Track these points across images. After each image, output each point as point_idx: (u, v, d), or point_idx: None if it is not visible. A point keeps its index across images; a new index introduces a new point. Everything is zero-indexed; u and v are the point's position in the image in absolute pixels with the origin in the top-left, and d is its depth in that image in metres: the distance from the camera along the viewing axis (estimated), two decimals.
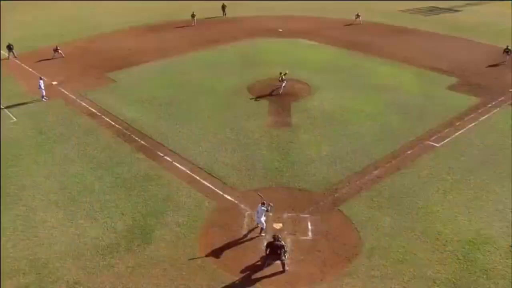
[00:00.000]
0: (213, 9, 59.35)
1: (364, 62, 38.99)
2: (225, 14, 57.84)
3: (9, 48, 41.51)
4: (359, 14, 52.81)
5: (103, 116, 29.21)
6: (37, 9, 65.54)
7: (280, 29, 50.51)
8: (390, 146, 24.95)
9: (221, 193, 21.14)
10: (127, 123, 28.06)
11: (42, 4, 69.00)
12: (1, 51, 43.43)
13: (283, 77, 32.01)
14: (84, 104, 31.21)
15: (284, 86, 31.97)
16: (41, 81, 31.96)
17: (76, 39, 47.81)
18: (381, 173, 22.56)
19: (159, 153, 24.57)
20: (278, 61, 38.90)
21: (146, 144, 25.50)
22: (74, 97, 32.45)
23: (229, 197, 20.85)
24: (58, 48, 41.58)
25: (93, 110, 30.26)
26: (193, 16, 52.69)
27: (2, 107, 31.05)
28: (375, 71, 36.72)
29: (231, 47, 43.86)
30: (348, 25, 52.39)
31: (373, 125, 27.43)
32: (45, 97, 31.95)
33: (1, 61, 41.01)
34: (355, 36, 47.29)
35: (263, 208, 18.08)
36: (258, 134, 26.40)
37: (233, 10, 59.01)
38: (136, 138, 26.21)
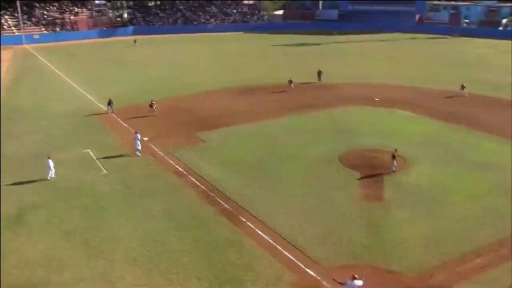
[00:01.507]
0: (309, 74, 60.68)
1: (467, 137, 37.46)
2: (320, 80, 58.85)
3: (109, 103, 45.23)
4: (464, 85, 51.39)
5: (189, 176, 30.21)
6: (136, 67, 71.08)
7: (377, 98, 50.27)
8: (496, 233, 23.18)
9: (303, 266, 20.61)
10: (212, 185, 28.73)
11: (142, 62, 74.96)
12: (101, 105, 47.41)
13: (395, 154, 30.79)
14: (172, 162, 32.61)
15: (394, 165, 30.65)
16: (137, 136, 34.06)
17: (171, 97, 50.91)
18: (485, 262, 20.86)
19: (242, 218, 24.71)
20: (372, 131, 38.61)
21: (229, 208, 25.82)
22: (163, 154, 34.08)
23: (311, 272, 20.25)
24: (154, 103, 44.40)
25: (180, 168, 31.47)
26: (290, 82, 53.88)
27: (94, 158, 33.52)
28: (480, 148, 35.03)
29: (324, 114, 44.24)
30: (451, 97, 50.93)
31: (476, 207, 25.79)
32: (139, 152, 33.95)
33: (100, 115, 44.64)
34: (458, 109, 45.83)
35: (355, 282, 17.49)
36: (347, 206, 25.84)
37: (329, 76, 59.92)
38: (220, 201, 26.67)
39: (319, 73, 59.36)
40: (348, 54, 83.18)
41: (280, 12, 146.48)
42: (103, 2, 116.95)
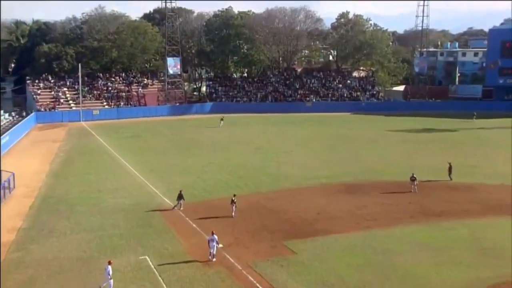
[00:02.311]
0: (438, 170, 59.50)
1: None
2: (451, 178, 57.14)
3: (179, 197, 46.50)
4: None
5: None
6: (213, 152, 73.16)
7: None
8: None
9: None
10: None
11: (221, 146, 77.11)
12: (166, 199, 48.87)
13: None
14: (251, 278, 32.40)
15: None
16: (214, 237, 34.85)
17: (254, 193, 51.63)
18: None
19: None
20: None
21: None
22: (240, 267, 34.04)
23: None
24: (235, 199, 44.66)
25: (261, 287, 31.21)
26: (412, 179, 52.38)
27: (152, 267, 33.97)
28: None
29: (461, 226, 42.46)
30: None
31: None
32: (213, 257, 34.69)
33: (164, 212, 45.81)
34: None
35: None
36: None
37: (466, 174, 58.40)
38: None
39: (450, 168, 57.85)
40: (495, 145, 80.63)
41: (401, 88, 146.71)
42: (178, 72, 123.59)
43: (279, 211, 46.29)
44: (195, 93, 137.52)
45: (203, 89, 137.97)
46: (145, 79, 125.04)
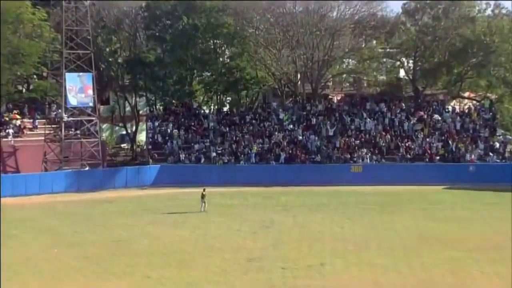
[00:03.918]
0: None
1: None
2: None
3: None
4: None
5: None
6: (156, 269, 62.36)
7: None
8: None
9: None
10: None
11: (175, 257, 66.27)
12: None
13: None
14: None
15: None
16: None
17: None
18: None
19: None
20: None
21: None
22: None
23: None
24: None
25: None
26: None
27: None
28: None
29: None
30: None
31: None
32: None
33: None
34: None
35: None
36: None
37: None
38: None
39: None
40: None
41: None
42: (89, 103, 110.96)
43: None
44: (124, 145, 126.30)
45: (141, 137, 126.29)
46: (18, 118, 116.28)
